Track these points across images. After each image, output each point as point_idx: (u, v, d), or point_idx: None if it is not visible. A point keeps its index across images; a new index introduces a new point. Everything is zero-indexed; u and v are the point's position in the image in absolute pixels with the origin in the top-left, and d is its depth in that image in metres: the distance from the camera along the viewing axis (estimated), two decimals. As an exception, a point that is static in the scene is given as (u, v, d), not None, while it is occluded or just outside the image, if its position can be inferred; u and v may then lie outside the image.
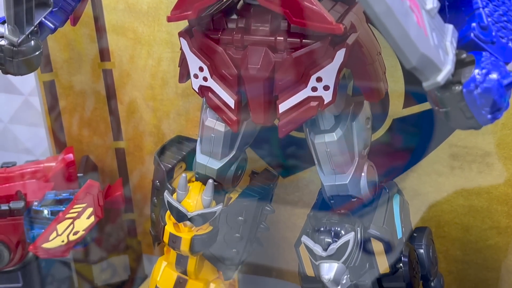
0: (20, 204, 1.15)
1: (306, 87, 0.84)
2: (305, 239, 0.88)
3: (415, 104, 1.07)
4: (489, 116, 0.64)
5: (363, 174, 0.91)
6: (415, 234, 0.96)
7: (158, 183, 1.04)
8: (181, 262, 1.04)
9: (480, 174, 1.07)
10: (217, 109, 0.91)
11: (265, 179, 1.05)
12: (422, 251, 0.94)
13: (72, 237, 1.13)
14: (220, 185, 1.01)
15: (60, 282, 1.41)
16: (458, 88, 0.64)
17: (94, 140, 1.32)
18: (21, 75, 0.84)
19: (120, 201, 1.24)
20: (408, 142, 1.10)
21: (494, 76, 0.63)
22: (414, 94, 1.06)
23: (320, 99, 0.85)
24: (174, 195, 0.99)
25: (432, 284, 0.98)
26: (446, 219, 1.12)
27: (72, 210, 1.12)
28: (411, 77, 1.04)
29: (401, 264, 0.89)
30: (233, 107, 0.89)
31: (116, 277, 1.39)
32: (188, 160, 1.06)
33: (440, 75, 0.62)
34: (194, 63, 0.90)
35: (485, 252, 1.12)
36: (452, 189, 1.09)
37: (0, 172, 1.20)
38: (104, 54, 1.24)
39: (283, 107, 0.87)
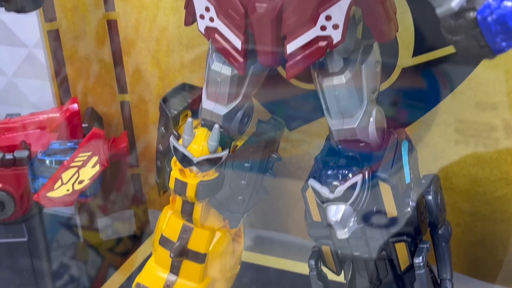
0: (24, 154, 1.16)
1: (315, 26, 0.83)
2: (312, 182, 0.87)
3: (425, 53, 1.05)
4: (503, 43, 0.62)
5: (371, 119, 0.90)
6: (423, 181, 0.95)
7: (164, 130, 1.03)
8: (187, 209, 1.03)
9: (490, 124, 1.06)
10: (224, 51, 0.90)
11: (271, 127, 1.03)
12: (430, 197, 0.93)
13: (77, 186, 1.14)
14: (226, 132, 1.00)
15: (65, 237, 1.42)
16: (472, 14, 0.62)
17: (99, 92, 1.31)
18: (25, 12, 0.83)
19: (125, 153, 1.24)
20: (417, 92, 1.09)
21: (509, 3, 0.62)
22: (423, 42, 1.05)
23: (329, 38, 0.83)
24: (180, 141, 0.99)
25: (439, 231, 0.97)
26: (454, 170, 1.11)
27: (77, 159, 1.12)
28: (421, 25, 1.04)
29: (408, 209, 0.88)
30: (239, 48, 0.88)
31: (122, 232, 1.39)
32: (193, 109, 1.05)
33: (454, 0, 0.60)
34: (200, 3, 0.88)
35: (493, 204, 1.11)
36: (460, 140, 1.08)
37: (4, 122, 1.21)
38: (108, 4, 1.23)
39: (291, 47, 0.85)
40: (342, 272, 0.97)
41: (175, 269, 1.07)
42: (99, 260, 1.37)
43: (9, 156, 1.15)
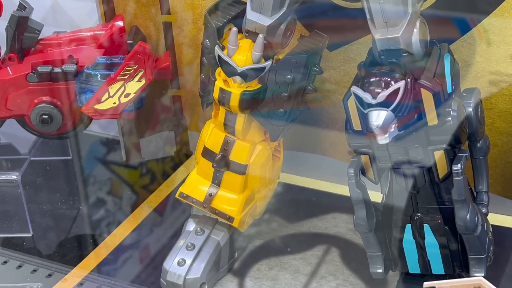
0: (72, 68, 1.17)
1: None
2: (355, 88, 0.89)
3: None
4: None
5: (415, 30, 0.91)
6: (464, 94, 0.96)
7: (208, 42, 1.05)
8: (229, 121, 1.06)
9: (532, 43, 1.05)
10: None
11: (314, 41, 1.05)
12: (470, 109, 0.94)
13: (123, 99, 1.16)
14: (269, 44, 1.02)
15: (109, 156, 1.47)
16: None
17: (142, 12, 1.32)
18: None
19: (168, 71, 1.25)
20: (459, 10, 1.08)
21: None
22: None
23: None
24: (225, 51, 1.01)
25: (478, 144, 0.98)
26: (494, 90, 1.11)
27: (123, 72, 1.14)
28: None
29: (449, 118, 0.90)
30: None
31: (162, 152, 1.44)
32: (237, 23, 1.07)
33: None
34: None
35: (532, 124, 1.12)
36: (502, 59, 1.08)
37: (52, 38, 1.23)
38: None
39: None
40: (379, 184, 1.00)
41: (217, 180, 1.11)
42: (140, 180, 1.41)
43: (57, 69, 1.17)
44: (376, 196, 1.01)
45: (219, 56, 1.00)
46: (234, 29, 0.99)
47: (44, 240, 1.25)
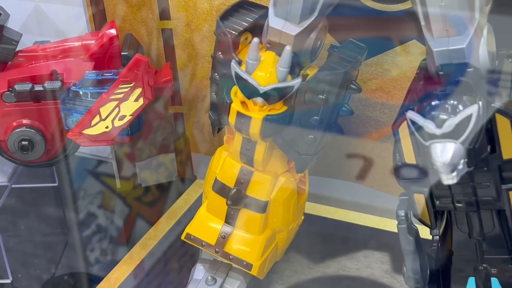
0: (56, 85, 1.04)
1: None
2: (412, 114, 0.71)
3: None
4: None
5: (482, 39, 0.74)
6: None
7: (221, 55, 0.87)
8: (247, 150, 0.89)
9: None
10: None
11: (350, 52, 0.87)
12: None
13: (117, 123, 1.01)
14: (297, 57, 0.84)
15: (100, 183, 1.34)
16: None
17: (138, 18, 1.17)
18: None
19: (169, 87, 1.09)
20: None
21: None
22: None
23: None
24: (243, 67, 0.83)
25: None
26: None
27: (117, 91, 0.99)
28: None
29: (529, 149, 0.73)
30: None
31: (162, 177, 1.31)
32: (256, 31, 0.89)
33: None
34: None
35: None
36: None
37: (32, 50, 1.08)
38: None
39: None
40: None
41: (231, 219, 0.95)
42: (136, 208, 1.28)
43: (38, 87, 1.03)
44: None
45: (236, 73, 0.82)
46: (255, 39, 0.81)
47: (25, 284, 1.11)
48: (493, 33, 0.78)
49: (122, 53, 1.06)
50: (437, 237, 0.84)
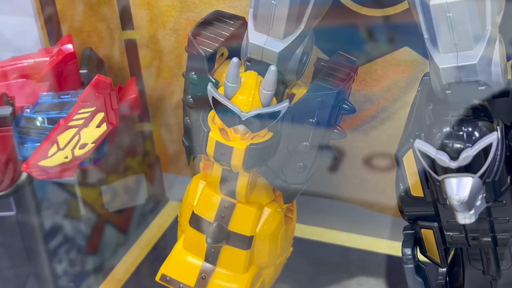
0: (7, 110, 0.95)
1: None
2: (420, 144, 0.62)
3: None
4: None
5: (495, 51, 0.65)
6: None
7: (195, 75, 0.77)
8: (228, 181, 0.80)
9: None
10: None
11: (340, 67, 0.77)
12: None
13: (78, 152, 0.92)
14: (281, 75, 0.75)
15: (61, 210, 1.25)
16: None
17: (97, 29, 1.08)
18: None
19: (135, 106, 1.01)
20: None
21: None
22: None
23: None
24: (221, 89, 0.73)
25: None
26: None
27: (77, 116, 0.90)
28: None
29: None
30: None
31: (131, 201, 1.23)
32: (232, 45, 0.79)
33: None
34: None
35: None
36: None
37: None
38: None
39: None
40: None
41: (211, 257, 0.86)
42: (104, 236, 1.20)
43: None
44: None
45: (213, 98, 0.72)
46: (234, 60, 0.71)
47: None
48: (504, 44, 0.69)
49: (80, 71, 0.98)
50: (444, 270, 0.76)
